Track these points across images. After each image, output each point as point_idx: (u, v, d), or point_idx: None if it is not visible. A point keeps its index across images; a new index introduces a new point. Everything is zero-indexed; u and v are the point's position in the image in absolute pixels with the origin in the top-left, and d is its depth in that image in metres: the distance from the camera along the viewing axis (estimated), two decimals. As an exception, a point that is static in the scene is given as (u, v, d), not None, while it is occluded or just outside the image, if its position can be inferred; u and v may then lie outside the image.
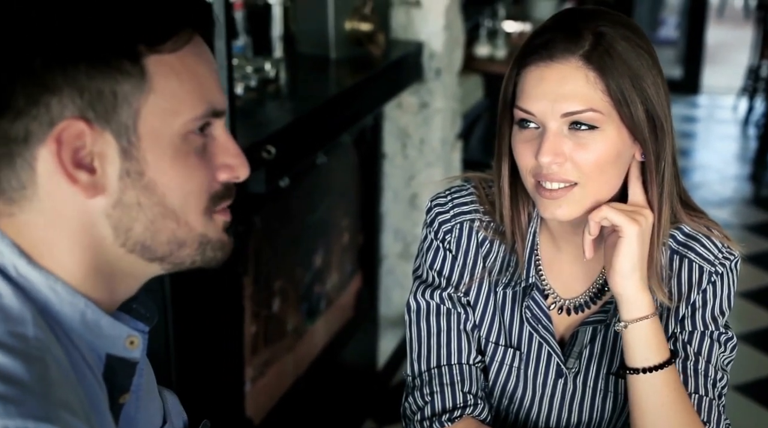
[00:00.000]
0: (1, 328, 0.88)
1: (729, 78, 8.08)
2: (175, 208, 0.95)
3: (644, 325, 1.34)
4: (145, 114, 0.91)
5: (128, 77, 0.90)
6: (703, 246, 1.42)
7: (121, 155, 0.91)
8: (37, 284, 0.93)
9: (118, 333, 0.98)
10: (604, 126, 1.30)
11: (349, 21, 2.91)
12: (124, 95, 0.90)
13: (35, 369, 0.86)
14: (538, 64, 1.31)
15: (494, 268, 1.49)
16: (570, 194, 1.32)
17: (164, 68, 0.92)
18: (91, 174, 0.91)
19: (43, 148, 0.90)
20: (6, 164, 0.91)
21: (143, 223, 0.94)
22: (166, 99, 0.92)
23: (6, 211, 0.93)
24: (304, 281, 2.76)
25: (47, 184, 0.91)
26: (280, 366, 2.63)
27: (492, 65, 4.46)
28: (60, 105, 0.88)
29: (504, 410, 1.53)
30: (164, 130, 0.93)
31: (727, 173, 5.99)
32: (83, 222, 0.93)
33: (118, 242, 0.95)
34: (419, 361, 1.50)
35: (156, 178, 0.93)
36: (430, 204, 1.52)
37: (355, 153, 3.09)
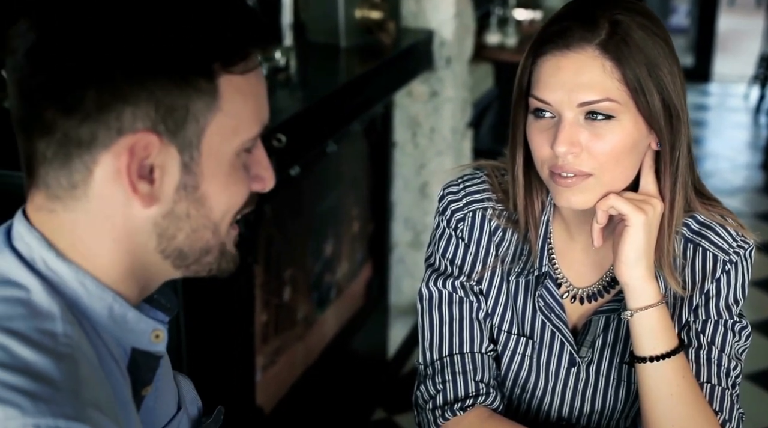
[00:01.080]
0: (30, 325, 0.88)
1: (740, 66, 8.04)
2: (216, 219, 0.97)
3: (651, 313, 1.33)
4: (210, 131, 0.93)
5: (201, 95, 0.92)
6: (717, 235, 1.42)
7: (181, 169, 0.93)
8: (66, 277, 0.93)
9: (144, 328, 0.98)
10: (621, 116, 1.29)
11: (359, 9, 2.90)
12: (195, 112, 0.92)
13: (65, 367, 0.86)
14: (554, 53, 1.30)
15: (507, 257, 1.48)
16: (584, 183, 1.31)
17: (233, 88, 0.94)
18: (150, 184, 0.92)
19: (106, 154, 0.90)
20: (60, 163, 0.91)
21: (186, 232, 0.96)
22: (230, 118, 0.94)
23: (47, 206, 0.94)
24: (315, 269, 2.76)
25: (102, 188, 0.92)
26: (290, 355, 2.63)
27: (502, 53, 4.44)
28: (133, 116, 0.89)
29: (516, 399, 1.53)
30: (224, 148, 0.95)
31: (739, 161, 5.97)
32: (129, 227, 0.94)
33: (158, 249, 0.96)
34: (431, 350, 1.49)
35: (208, 192, 0.95)
36: (442, 192, 1.52)
37: (365, 142, 3.08)
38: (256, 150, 1.00)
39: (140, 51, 0.89)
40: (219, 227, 0.98)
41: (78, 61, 0.88)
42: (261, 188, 1.02)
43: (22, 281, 0.92)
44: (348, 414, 3.14)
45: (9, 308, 0.90)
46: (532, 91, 1.33)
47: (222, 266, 1.02)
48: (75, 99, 0.89)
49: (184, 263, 0.99)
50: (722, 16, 8.34)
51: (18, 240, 0.94)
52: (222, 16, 0.93)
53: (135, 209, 0.93)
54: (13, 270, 0.92)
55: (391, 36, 2.93)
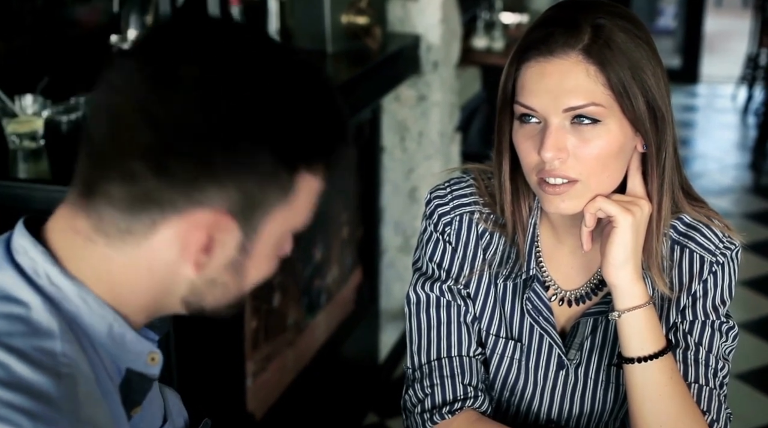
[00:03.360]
0: (29, 342, 0.88)
1: (728, 67, 8.07)
2: (246, 288, 0.99)
3: (638, 314, 1.34)
4: (273, 219, 0.94)
5: (279, 187, 0.92)
6: (703, 236, 1.42)
7: (238, 248, 0.94)
8: (68, 293, 0.92)
9: (141, 349, 0.98)
10: (606, 120, 1.30)
11: (345, 15, 2.90)
12: (268, 201, 0.93)
13: (64, 386, 0.86)
14: (537, 59, 1.30)
15: (494, 260, 1.48)
16: (573, 190, 1.32)
17: (306, 186, 0.95)
18: (207, 255, 0.93)
19: (177, 219, 0.90)
20: (127, 209, 0.90)
21: (216, 297, 0.98)
22: (293, 211, 0.96)
23: (90, 235, 0.93)
24: (305, 275, 2.76)
25: (158, 245, 0.92)
26: (281, 361, 2.63)
27: (490, 57, 4.45)
28: (218, 195, 0.90)
29: (505, 402, 1.53)
30: (277, 234, 0.96)
31: (727, 161, 5.99)
32: (166, 280, 0.95)
33: (184, 301, 0.98)
34: (419, 353, 1.50)
35: (250, 268, 0.97)
36: (429, 196, 1.52)
37: (353, 147, 3.08)
38: None
39: (242, 138, 0.89)
40: (244, 291, 1.00)
41: (184, 131, 0.87)
42: (283, 255, 1.03)
43: (22, 297, 0.91)
44: (339, 419, 3.14)
45: (8, 324, 0.89)
46: (517, 98, 1.33)
47: (230, 312, 1.03)
48: (170, 166, 0.88)
49: (199, 312, 1.00)
50: (709, 17, 8.37)
51: (21, 255, 0.93)
52: (317, 119, 0.94)
53: (181, 271, 0.94)
54: (14, 286, 0.92)
55: (378, 41, 2.94)
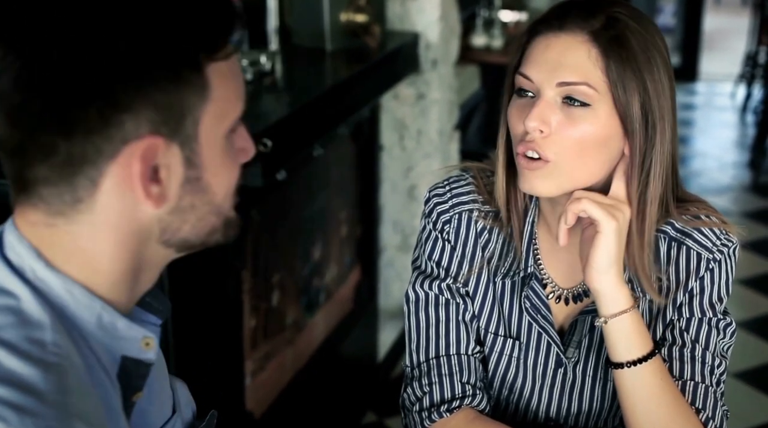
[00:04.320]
0: (19, 333, 0.88)
1: (727, 65, 8.07)
2: (219, 203, 0.98)
3: (624, 319, 1.33)
4: (204, 121, 0.94)
5: (193, 88, 0.92)
6: (701, 233, 1.42)
7: (184, 164, 0.94)
8: (54, 286, 0.93)
9: (134, 335, 0.98)
10: (597, 105, 1.30)
11: (344, 13, 2.90)
12: (189, 106, 0.92)
13: (52, 377, 0.86)
14: (546, 33, 1.33)
15: (493, 258, 1.48)
16: (546, 168, 1.31)
17: (219, 75, 0.94)
18: (159, 185, 0.92)
19: (113, 165, 0.90)
20: (64, 182, 0.90)
21: (192, 223, 0.97)
22: (219, 104, 0.95)
23: (46, 222, 0.93)
24: (303, 274, 2.76)
25: (109, 198, 0.91)
26: (280, 360, 2.63)
27: (489, 55, 4.45)
28: (135, 123, 0.89)
29: (504, 400, 1.53)
30: (217, 133, 0.96)
31: (726, 160, 5.99)
32: (134, 229, 0.94)
33: (161, 240, 0.97)
34: (418, 352, 1.50)
35: (209, 180, 0.96)
36: (428, 195, 1.52)
37: (352, 145, 3.08)
38: (238, 127, 1.01)
39: (130, 58, 0.88)
40: (222, 208, 0.99)
41: (71, 81, 0.87)
42: (245, 158, 1.02)
43: (12, 289, 0.91)
44: (338, 418, 3.14)
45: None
46: (519, 68, 1.35)
47: (229, 234, 1.02)
48: (76, 120, 0.88)
49: (189, 248, 1.00)
50: (708, 15, 8.37)
51: (9, 250, 0.94)
52: (198, 7, 0.93)
53: (142, 212, 0.93)
54: (4, 279, 0.92)
55: (377, 39, 2.93)
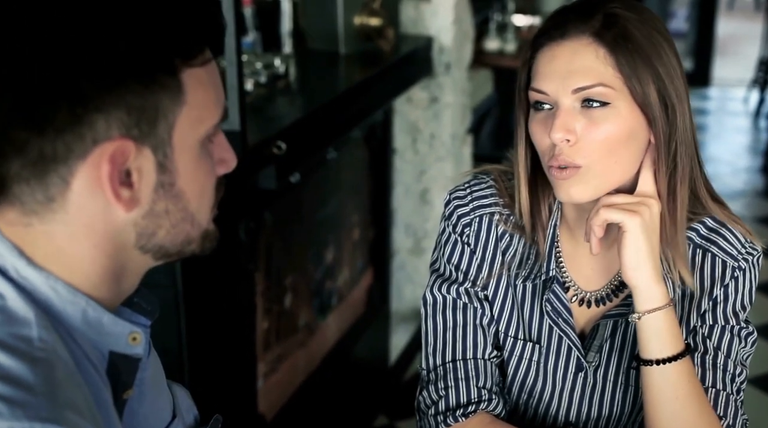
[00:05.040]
0: (5, 330, 0.88)
1: (740, 70, 8.05)
2: (193, 211, 0.98)
3: (658, 316, 1.33)
4: (179, 126, 0.93)
5: (167, 92, 0.92)
6: (726, 240, 1.42)
7: (157, 168, 0.93)
8: (37, 284, 0.93)
9: (120, 331, 0.98)
10: (616, 102, 1.30)
11: (358, 16, 2.91)
12: (163, 110, 0.92)
13: (40, 371, 0.86)
14: (549, 44, 1.32)
15: (513, 262, 1.48)
16: (578, 175, 1.31)
17: (195, 80, 0.94)
18: (130, 189, 0.92)
19: (83, 165, 0.90)
20: (37, 180, 0.91)
21: (166, 228, 0.97)
22: (195, 110, 0.94)
23: (21, 221, 0.93)
24: (316, 276, 2.76)
25: (80, 198, 0.92)
26: (292, 362, 2.63)
27: (502, 59, 4.45)
28: (106, 124, 0.89)
29: (523, 404, 1.52)
30: (191, 139, 0.95)
31: (739, 165, 5.97)
32: (109, 231, 0.94)
33: (138, 246, 0.97)
34: (434, 355, 1.49)
35: (183, 186, 0.96)
36: (449, 197, 1.52)
37: (365, 148, 3.08)
38: (216, 136, 1.01)
39: (103, 58, 0.88)
40: (196, 217, 0.99)
41: (44, 77, 0.87)
42: (225, 169, 1.02)
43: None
44: (350, 421, 3.14)
45: None
46: (531, 84, 1.35)
47: (205, 246, 1.02)
48: (47, 116, 0.88)
49: (166, 254, 0.99)
50: (721, 19, 8.35)
51: None
52: (176, 11, 0.93)
53: (115, 215, 0.93)
54: None
55: (391, 43, 2.94)
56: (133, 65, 0.89)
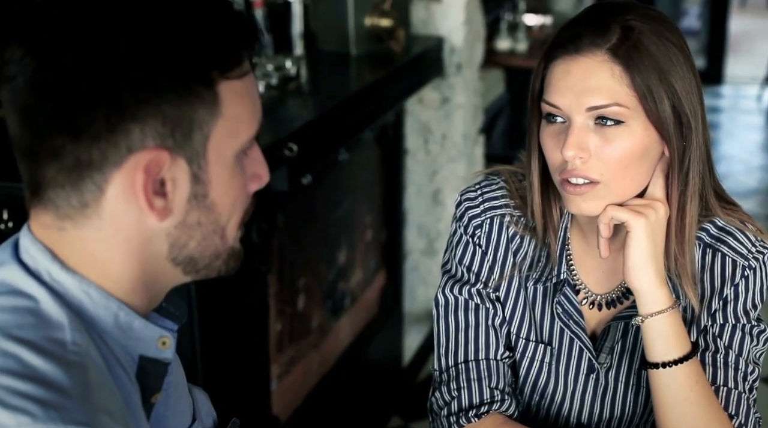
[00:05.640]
0: (39, 333, 0.89)
1: (753, 68, 8.01)
2: (223, 224, 0.99)
3: (662, 319, 1.33)
4: (214, 138, 0.94)
5: (203, 103, 0.92)
6: (736, 240, 1.41)
7: (191, 179, 0.94)
8: (70, 288, 0.94)
9: (150, 335, 0.99)
10: (630, 121, 1.29)
11: (368, 17, 2.90)
12: (199, 122, 0.92)
13: (75, 374, 0.87)
14: (564, 57, 1.31)
15: (524, 264, 1.48)
16: (594, 191, 1.31)
17: (231, 93, 0.95)
18: (163, 199, 0.93)
19: (117, 173, 0.91)
20: (71, 185, 0.92)
21: (197, 240, 0.97)
22: (231, 122, 0.95)
23: (56, 225, 0.94)
24: (328, 278, 2.76)
25: (114, 206, 0.93)
26: (305, 364, 2.63)
27: (513, 59, 4.45)
28: (142, 133, 0.90)
29: (535, 406, 1.52)
30: (226, 152, 0.96)
31: (752, 163, 5.95)
32: (141, 240, 0.95)
33: (170, 257, 0.97)
34: (446, 356, 1.49)
35: (216, 198, 0.96)
36: (459, 198, 1.51)
37: (377, 149, 3.08)
38: (251, 150, 1.01)
39: (142, 68, 0.89)
40: (226, 231, 0.99)
41: (83, 85, 0.88)
42: (258, 185, 1.03)
43: (30, 291, 0.93)
44: (364, 422, 3.14)
45: (19, 317, 0.90)
46: (543, 96, 1.33)
47: (230, 265, 1.03)
48: (84, 123, 0.89)
49: (195, 269, 1.00)
50: (734, 17, 8.31)
51: (24, 253, 0.95)
52: (214, 24, 0.94)
53: (148, 223, 0.94)
54: (22, 281, 0.93)
55: (401, 43, 2.94)
56: (170, 76, 0.90)
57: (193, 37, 0.92)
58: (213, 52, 0.93)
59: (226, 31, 0.95)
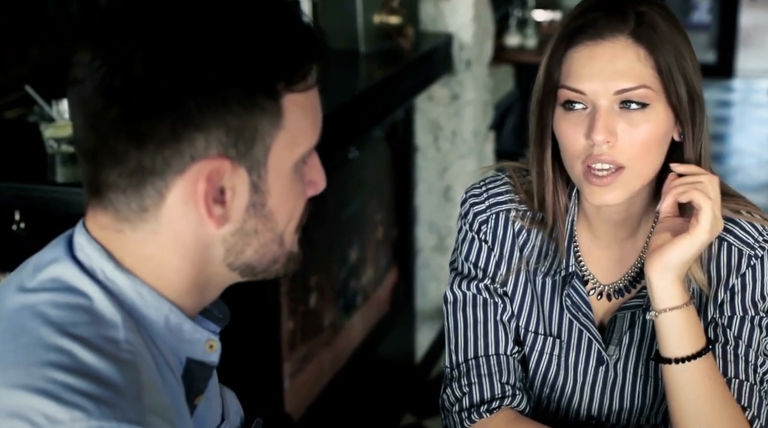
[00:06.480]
0: (93, 331, 0.90)
1: (764, 61, 7.99)
2: (281, 232, 0.99)
3: (676, 315, 1.32)
4: (275, 149, 0.95)
5: (267, 115, 0.93)
6: (742, 229, 1.41)
7: (251, 188, 0.95)
8: (123, 287, 0.95)
9: (198, 338, 1.00)
10: (654, 103, 1.30)
11: (377, 14, 2.91)
12: (261, 133, 0.93)
13: (127, 373, 0.88)
14: (586, 43, 1.31)
15: (531, 258, 1.48)
16: (620, 178, 1.31)
17: (295, 106, 0.95)
18: (222, 207, 0.94)
19: (179, 180, 0.92)
20: (133, 190, 0.93)
21: (254, 247, 0.98)
22: (292, 134, 0.96)
23: (114, 226, 0.95)
24: (340, 276, 2.77)
25: (173, 211, 0.93)
26: (318, 362, 2.64)
27: (522, 55, 4.44)
28: (205, 142, 0.91)
29: (545, 399, 1.52)
30: (286, 162, 0.96)
31: (764, 157, 5.92)
32: (198, 246, 0.96)
33: (225, 263, 0.98)
34: (457, 352, 1.49)
35: (274, 207, 0.97)
36: (465, 196, 1.52)
37: (387, 147, 3.08)
38: (309, 158, 1.02)
39: (209, 78, 0.90)
40: (284, 237, 1.00)
41: (150, 93, 0.89)
42: (314, 191, 1.04)
43: (84, 289, 0.93)
44: (376, 420, 3.14)
45: (73, 314, 0.91)
46: (563, 82, 1.33)
47: (289, 268, 1.04)
48: (149, 130, 0.90)
49: (252, 273, 1.01)
50: (744, 11, 8.28)
51: (79, 251, 0.96)
52: (282, 36, 0.94)
53: (206, 230, 0.95)
54: (76, 279, 0.94)
55: (411, 40, 2.94)
56: (236, 87, 0.91)
57: (260, 50, 0.92)
58: (279, 65, 0.93)
59: (293, 45, 0.95)
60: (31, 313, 0.91)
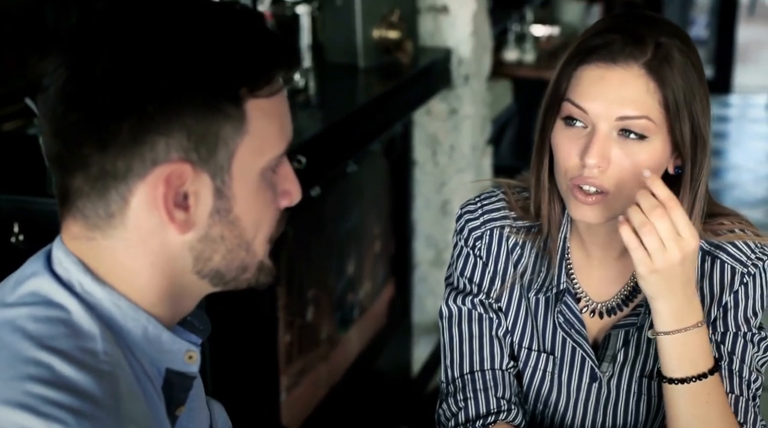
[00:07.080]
0: (71, 343, 0.91)
1: (761, 77, 8.01)
2: (248, 238, 0.99)
3: (676, 338, 1.31)
4: (239, 154, 0.95)
5: (230, 120, 0.94)
6: (735, 246, 1.41)
7: (214, 194, 0.95)
8: (101, 299, 0.95)
9: (177, 348, 1.01)
10: (653, 137, 1.30)
11: (376, 29, 2.92)
12: (224, 138, 0.94)
13: (106, 384, 0.89)
14: (598, 64, 1.31)
15: (525, 274, 1.48)
16: (604, 202, 1.32)
17: (259, 111, 0.96)
18: (185, 212, 0.94)
19: (141, 184, 0.93)
20: (98, 195, 0.94)
21: (222, 253, 0.98)
22: (257, 140, 0.96)
23: (86, 235, 0.96)
24: (337, 289, 2.77)
25: (138, 217, 0.94)
26: (314, 375, 2.64)
27: (521, 70, 4.45)
28: (166, 146, 0.91)
29: (539, 415, 1.52)
30: (252, 168, 0.97)
31: (761, 172, 5.93)
32: (165, 252, 0.96)
33: (195, 270, 0.99)
34: (452, 367, 1.50)
35: (240, 213, 0.97)
36: (460, 211, 1.53)
37: (385, 161, 3.09)
38: (281, 167, 1.02)
39: (170, 82, 0.91)
40: (252, 245, 1.00)
41: (111, 97, 0.90)
42: (289, 202, 1.04)
43: (62, 302, 0.94)
44: (373, 433, 3.14)
45: (51, 327, 0.92)
46: (569, 97, 1.33)
47: (260, 280, 1.04)
48: (110, 134, 0.91)
49: (222, 282, 1.01)
50: (742, 26, 8.31)
51: (57, 265, 0.97)
52: (245, 42, 0.95)
53: (171, 235, 0.95)
54: (54, 292, 0.95)
55: (409, 55, 2.94)
56: (197, 92, 0.92)
57: (221, 54, 0.93)
58: (241, 70, 0.94)
59: (257, 50, 0.96)
60: (10, 327, 0.92)
